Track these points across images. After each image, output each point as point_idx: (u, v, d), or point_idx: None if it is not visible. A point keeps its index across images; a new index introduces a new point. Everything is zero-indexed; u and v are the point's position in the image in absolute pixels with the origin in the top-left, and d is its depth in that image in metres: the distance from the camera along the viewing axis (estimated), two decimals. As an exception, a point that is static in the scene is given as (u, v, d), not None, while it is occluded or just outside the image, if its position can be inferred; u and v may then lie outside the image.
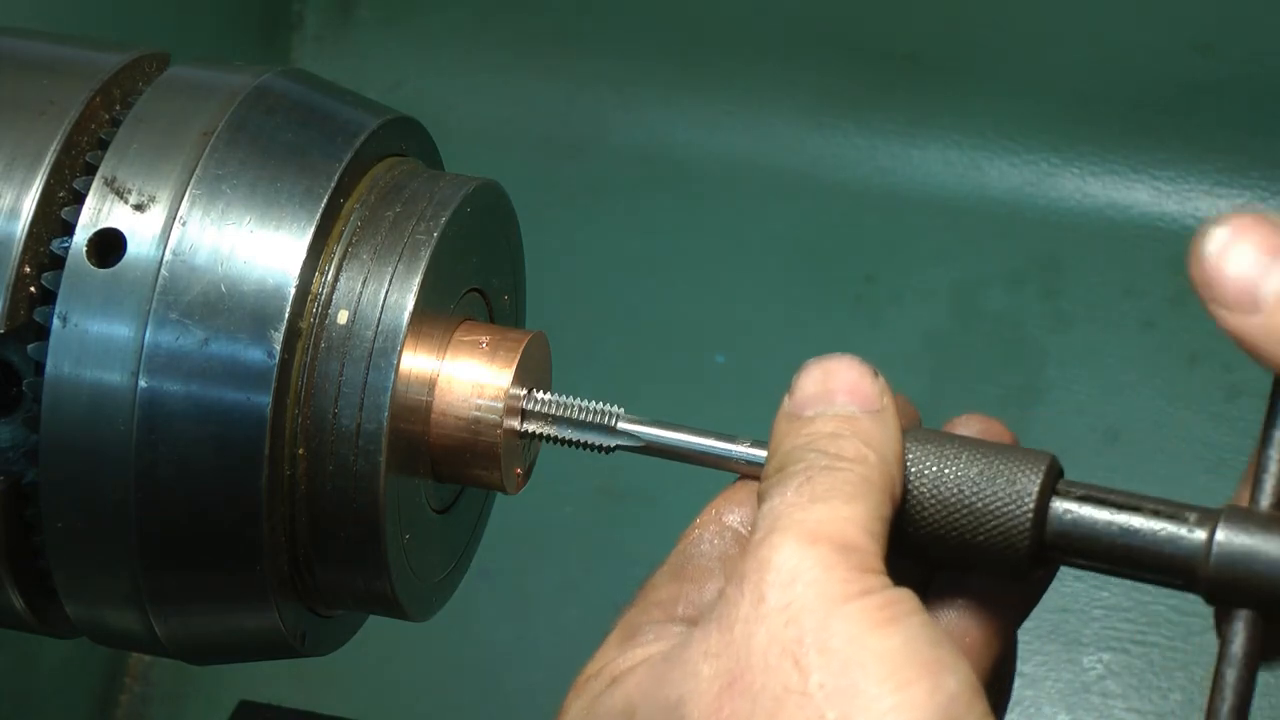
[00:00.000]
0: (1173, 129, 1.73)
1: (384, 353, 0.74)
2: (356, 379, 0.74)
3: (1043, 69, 1.75)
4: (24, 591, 0.78)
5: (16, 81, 0.78)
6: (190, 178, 0.74)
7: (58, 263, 0.74)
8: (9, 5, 1.02)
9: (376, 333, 0.74)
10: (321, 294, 0.74)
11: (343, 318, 0.74)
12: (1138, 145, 1.74)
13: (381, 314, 0.74)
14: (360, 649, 0.89)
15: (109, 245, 0.73)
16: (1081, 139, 1.75)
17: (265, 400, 0.72)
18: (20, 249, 0.73)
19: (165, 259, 0.72)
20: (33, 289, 0.74)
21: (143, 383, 0.72)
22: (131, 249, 0.73)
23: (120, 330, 0.72)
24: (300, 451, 0.74)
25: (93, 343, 0.72)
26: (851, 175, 1.78)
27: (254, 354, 0.72)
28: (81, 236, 0.73)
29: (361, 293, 0.75)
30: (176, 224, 0.73)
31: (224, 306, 0.72)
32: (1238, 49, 1.70)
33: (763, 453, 0.75)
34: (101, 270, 0.73)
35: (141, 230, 0.73)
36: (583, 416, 0.79)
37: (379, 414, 0.73)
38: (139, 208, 0.73)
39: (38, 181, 0.74)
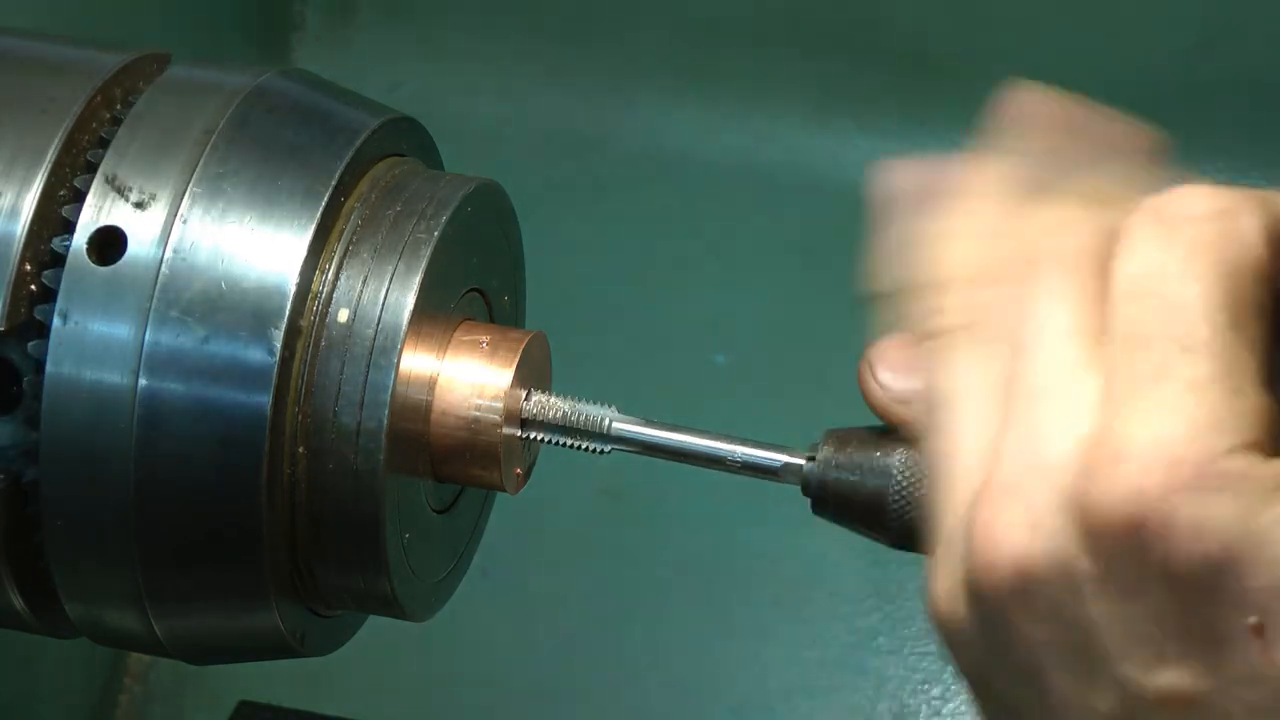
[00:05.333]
0: (1173, 129, 1.73)
1: (384, 351, 0.74)
2: (357, 378, 0.74)
3: (1042, 69, 1.75)
4: (24, 591, 0.78)
5: (17, 80, 0.78)
6: (191, 176, 0.74)
7: (58, 260, 0.73)
8: (9, 5, 1.02)
9: (377, 331, 0.74)
10: (322, 292, 0.74)
11: (343, 316, 0.74)
12: (1137, 145, 1.74)
13: (382, 313, 0.74)
14: (360, 649, 0.89)
15: (109, 243, 0.73)
16: (1082, 139, 1.75)
17: (265, 398, 0.72)
18: (20, 247, 0.73)
19: (166, 257, 0.72)
20: (33, 287, 0.74)
21: (143, 381, 0.72)
22: (132, 247, 0.73)
23: (120, 328, 0.72)
24: (300, 450, 0.74)
25: (93, 340, 0.72)
26: (851, 175, 1.77)
27: (254, 352, 0.72)
28: (82, 234, 0.73)
29: (362, 291, 0.75)
30: (177, 222, 0.73)
31: (224, 304, 0.72)
32: (1238, 49, 1.70)
33: (759, 452, 0.75)
34: (102, 268, 0.73)
35: (142, 228, 0.73)
36: (582, 416, 0.79)
37: (379, 412, 0.73)
38: (140, 206, 0.73)
39: (38, 180, 0.74)
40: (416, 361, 0.75)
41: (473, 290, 0.81)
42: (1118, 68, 1.74)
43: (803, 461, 0.74)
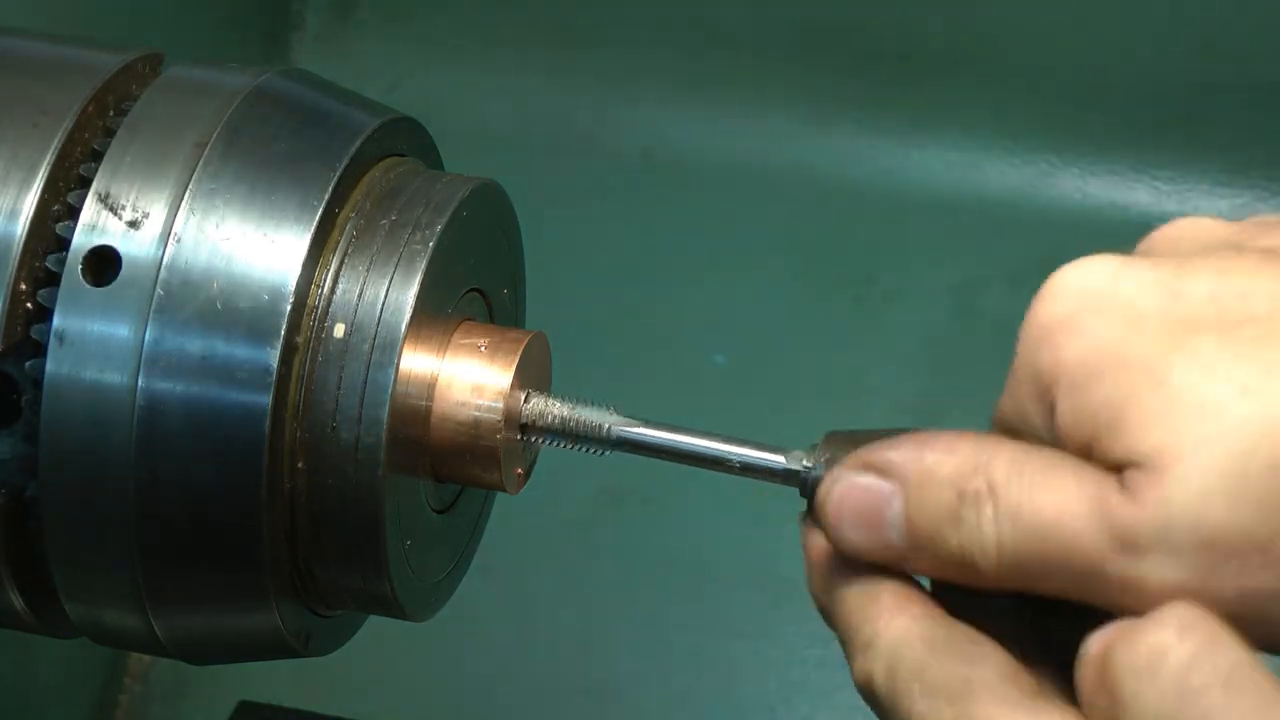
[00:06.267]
0: (1173, 129, 1.73)
1: (380, 366, 0.73)
2: (354, 392, 0.73)
3: (1043, 69, 1.75)
4: (24, 591, 0.78)
5: (9, 87, 0.77)
6: (184, 192, 0.73)
7: (53, 279, 0.73)
8: (8, 5, 1.02)
9: (374, 346, 0.74)
10: (318, 306, 0.74)
11: (339, 330, 0.74)
12: (1138, 145, 1.74)
13: (378, 326, 0.74)
14: (360, 649, 0.89)
15: (104, 263, 0.73)
16: (1081, 139, 1.75)
17: (263, 415, 0.72)
18: (15, 265, 0.73)
19: (160, 276, 0.72)
20: (29, 305, 0.74)
21: (141, 400, 0.72)
22: (126, 267, 0.73)
23: (117, 348, 0.72)
24: (300, 465, 0.74)
25: (89, 360, 0.72)
26: (851, 175, 1.78)
27: (251, 369, 0.72)
28: (76, 254, 0.73)
29: (358, 305, 0.74)
30: (171, 240, 0.73)
31: (220, 322, 0.72)
32: (1238, 49, 1.70)
33: (759, 453, 0.75)
34: (97, 288, 0.72)
35: (136, 247, 0.73)
36: (582, 417, 0.79)
37: (377, 429, 0.73)
38: (133, 225, 0.73)
39: (32, 197, 0.74)
40: (415, 366, 0.75)
41: (472, 290, 0.81)
42: (1118, 68, 1.74)
43: (802, 463, 0.74)
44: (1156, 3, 1.71)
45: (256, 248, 0.73)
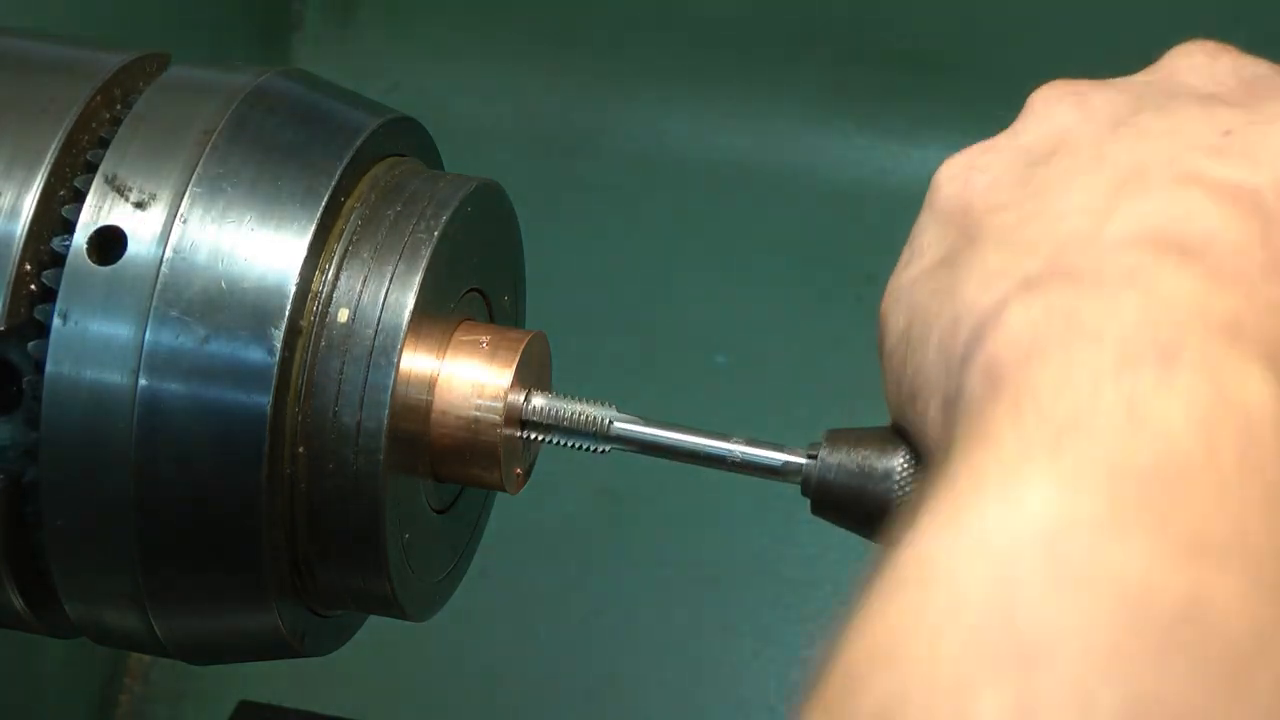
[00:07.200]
0: (1172, 129, 1.73)
1: (384, 351, 0.74)
2: (357, 378, 0.74)
3: (1043, 69, 1.75)
4: (24, 591, 0.78)
5: (17, 81, 0.78)
6: (191, 176, 0.74)
7: (58, 260, 0.73)
8: (9, 5, 1.02)
9: (377, 331, 0.74)
10: (322, 292, 0.74)
11: (343, 316, 0.74)
12: (1138, 145, 1.73)
13: (382, 313, 0.74)
14: (360, 649, 0.89)
15: (109, 243, 0.73)
16: (1081, 139, 1.74)
17: (265, 398, 0.72)
18: (20, 247, 0.73)
19: (166, 257, 0.72)
20: (33, 286, 0.74)
21: (143, 381, 0.72)
22: (132, 247, 0.73)
23: (120, 328, 0.72)
24: (300, 450, 0.74)
25: (93, 340, 0.72)
26: (851, 175, 1.78)
27: (254, 352, 0.72)
28: (82, 234, 0.73)
29: (362, 291, 0.75)
30: (177, 222, 0.73)
31: (224, 304, 0.72)
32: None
33: (758, 451, 0.75)
34: (102, 268, 0.73)
35: (142, 228, 0.73)
36: (582, 416, 0.79)
37: (379, 412, 0.73)
38: (140, 205, 0.73)
39: (38, 180, 0.74)
40: (416, 361, 0.76)
41: (473, 290, 0.82)
42: (1117, 66, 1.74)
43: (803, 461, 0.74)
44: (1156, 2, 1.71)
45: (262, 233, 0.73)
